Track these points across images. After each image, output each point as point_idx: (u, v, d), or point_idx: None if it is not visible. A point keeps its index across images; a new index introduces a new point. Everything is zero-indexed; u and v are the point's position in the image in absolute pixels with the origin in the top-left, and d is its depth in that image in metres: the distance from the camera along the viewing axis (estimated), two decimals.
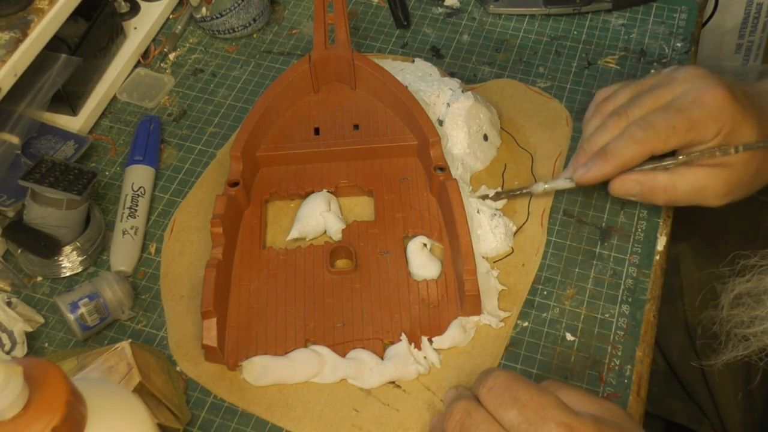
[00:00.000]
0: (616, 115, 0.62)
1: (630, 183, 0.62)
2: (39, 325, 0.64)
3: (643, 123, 0.60)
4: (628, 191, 0.63)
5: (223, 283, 0.62)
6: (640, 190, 0.62)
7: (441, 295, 0.62)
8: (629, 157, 0.61)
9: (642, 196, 0.63)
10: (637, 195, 0.63)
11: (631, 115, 0.61)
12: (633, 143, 0.60)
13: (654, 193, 0.62)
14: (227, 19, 0.82)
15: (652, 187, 0.62)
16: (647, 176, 0.62)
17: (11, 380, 0.35)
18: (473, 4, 0.86)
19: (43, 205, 0.64)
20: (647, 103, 0.62)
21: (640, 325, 0.62)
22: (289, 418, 0.58)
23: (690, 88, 0.61)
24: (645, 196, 0.63)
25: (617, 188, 0.63)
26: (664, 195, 0.62)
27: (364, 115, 0.71)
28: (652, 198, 0.63)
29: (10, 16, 0.69)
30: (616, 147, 0.61)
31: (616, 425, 0.45)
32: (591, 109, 0.66)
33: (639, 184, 0.62)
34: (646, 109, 0.61)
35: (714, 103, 0.59)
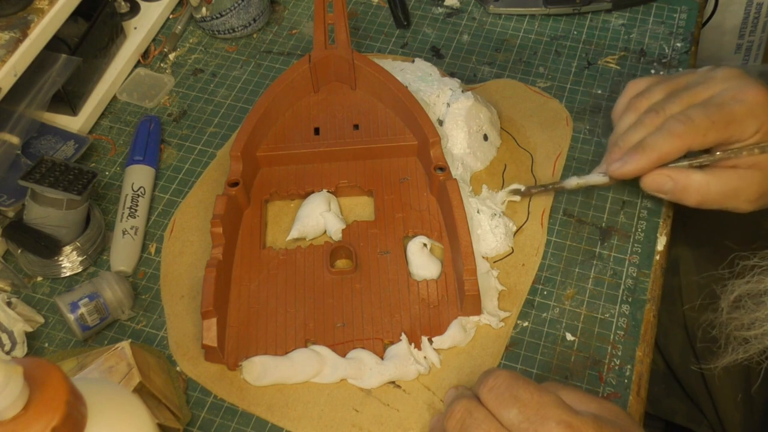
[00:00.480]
0: (653, 112, 0.61)
1: (663, 178, 0.61)
2: (39, 325, 0.64)
3: (682, 117, 0.59)
4: (660, 187, 0.61)
5: (223, 283, 0.62)
6: (672, 186, 0.61)
7: (441, 295, 0.62)
8: (666, 150, 0.59)
9: (673, 194, 0.61)
10: (668, 192, 0.61)
11: (668, 111, 0.60)
12: (671, 137, 0.59)
13: (686, 191, 0.61)
14: (227, 19, 0.82)
15: (685, 185, 0.60)
16: (681, 173, 0.61)
17: (11, 380, 0.35)
18: (473, 4, 0.86)
19: (43, 205, 0.64)
20: (685, 99, 0.60)
21: (640, 325, 0.62)
22: (289, 418, 0.58)
23: (729, 87, 0.60)
24: (676, 195, 0.61)
25: (650, 183, 0.61)
26: (697, 195, 0.60)
27: (364, 115, 0.71)
28: (683, 197, 0.61)
29: (10, 16, 0.69)
30: (653, 140, 0.60)
31: (616, 424, 0.45)
32: (622, 104, 0.65)
33: (672, 180, 0.61)
34: (684, 105, 0.60)
35: (755, 101, 0.58)
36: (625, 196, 0.69)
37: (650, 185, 0.62)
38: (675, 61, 0.79)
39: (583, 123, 0.74)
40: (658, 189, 0.62)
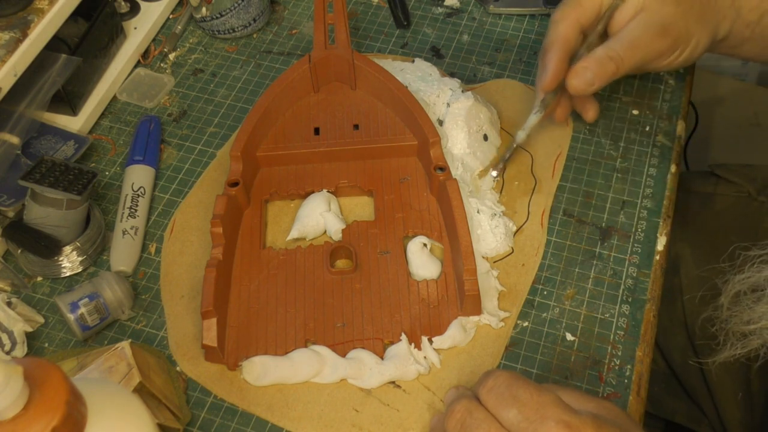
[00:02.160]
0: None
1: (580, 71, 0.64)
2: (39, 325, 0.64)
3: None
4: (584, 79, 0.64)
5: (223, 283, 0.62)
6: (592, 72, 0.64)
7: (441, 295, 0.62)
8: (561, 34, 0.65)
9: (597, 77, 0.64)
10: (593, 79, 0.64)
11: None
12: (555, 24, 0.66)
13: (603, 66, 0.63)
14: (227, 19, 0.82)
15: (598, 62, 0.63)
16: (589, 57, 0.64)
17: (11, 380, 0.35)
18: (473, 4, 0.86)
19: (43, 205, 0.64)
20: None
21: (640, 325, 0.62)
22: (289, 418, 0.58)
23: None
24: (601, 76, 0.64)
25: (574, 82, 0.65)
26: (612, 63, 0.63)
27: (364, 115, 0.71)
28: (604, 73, 0.64)
29: (10, 16, 0.69)
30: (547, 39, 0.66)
31: (615, 424, 0.45)
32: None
33: (588, 68, 0.64)
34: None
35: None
36: (625, 197, 0.69)
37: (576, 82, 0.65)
38: None
39: (583, 123, 0.74)
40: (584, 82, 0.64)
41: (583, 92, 0.65)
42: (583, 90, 0.65)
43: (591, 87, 0.65)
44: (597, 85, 0.65)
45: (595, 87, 0.65)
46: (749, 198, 0.81)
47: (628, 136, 0.73)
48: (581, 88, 0.65)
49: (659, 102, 0.75)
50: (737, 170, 0.84)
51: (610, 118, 0.75)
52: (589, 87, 0.65)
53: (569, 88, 0.65)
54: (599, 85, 0.65)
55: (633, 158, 0.72)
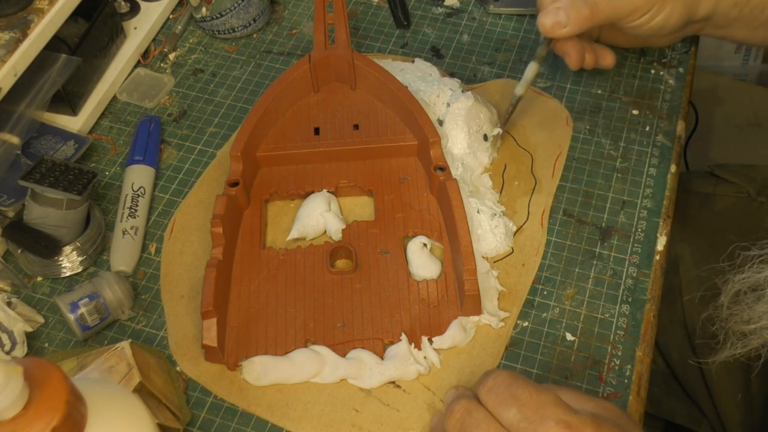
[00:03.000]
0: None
1: (552, 11, 0.65)
2: (39, 325, 0.64)
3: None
4: (555, 18, 0.65)
5: (223, 283, 0.62)
6: (565, 13, 0.64)
7: (441, 295, 0.62)
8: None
9: (571, 19, 0.64)
10: (566, 20, 0.64)
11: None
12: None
13: (577, 9, 0.64)
14: (227, 19, 0.82)
15: (572, 3, 0.64)
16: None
17: (11, 380, 0.35)
18: (473, 4, 0.86)
19: (43, 205, 0.64)
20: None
21: (640, 325, 0.62)
22: (289, 418, 0.58)
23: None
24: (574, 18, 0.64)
25: (546, 21, 0.65)
26: (586, 7, 0.64)
27: (364, 115, 0.71)
28: (578, 16, 0.64)
29: (10, 16, 0.69)
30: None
31: (615, 423, 0.45)
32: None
33: (560, 9, 0.64)
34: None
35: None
36: (625, 197, 0.69)
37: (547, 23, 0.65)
38: (675, 61, 0.79)
39: (583, 123, 0.74)
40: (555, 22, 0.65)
41: (554, 33, 0.65)
42: (553, 30, 0.65)
43: (563, 29, 0.65)
44: (569, 28, 0.65)
45: (567, 30, 0.65)
46: (749, 198, 0.81)
47: (628, 136, 0.73)
48: (551, 27, 0.65)
49: (659, 102, 0.76)
50: (737, 170, 0.84)
51: (610, 118, 0.75)
52: (561, 28, 0.65)
53: (540, 28, 0.65)
54: (571, 29, 0.65)
55: (633, 158, 0.72)
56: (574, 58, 0.70)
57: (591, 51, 0.71)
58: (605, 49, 0.71)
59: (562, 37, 0.66)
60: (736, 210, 0.81)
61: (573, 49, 0.69)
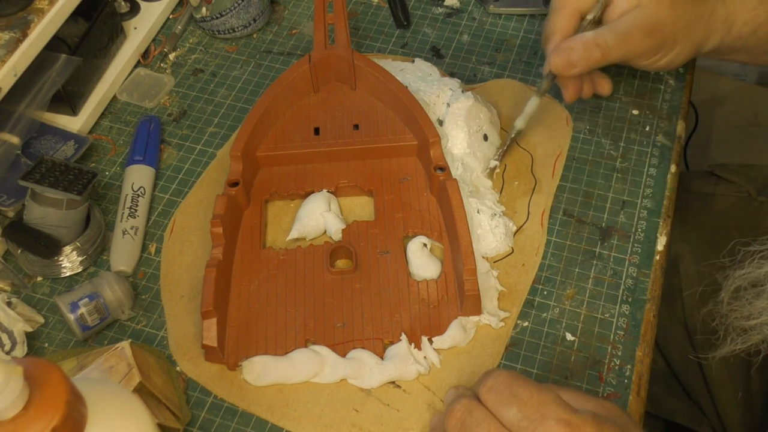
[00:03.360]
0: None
1: (565, 51, 0.64)
2: (39, 325, 0.64)
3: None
4: (567, 59, 0.64)
5: (223, 283, 0.62)
6: (578, 54, 0.64)
7: (441, 295, 0.62)
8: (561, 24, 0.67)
9: (582, 59, 0.64)
10: (577, 60, 0.64)
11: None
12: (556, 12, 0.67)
13: (589, 51, 0.64)
14: (227, 19, 0.82)
15: (585, 46, 0.64)
16: (577, 38, 0.65)
17: (11, 380, 0.35)
18: (473, 4, 0.86)
19: (43, 205, 0.64)
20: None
21: (640, 325, 0.62)
22: (289, 418, 0.58)
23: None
24: (585, 60, 0.64)
25: (557, 60, 0.65)
26: (598, 50, 0.64)
27: (364, 115, 0.71)
28: (589, 58, 0.64)
29: (10, 16, 0.69)
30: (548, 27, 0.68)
31: (615, 423, 0.45)
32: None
33: (572, 49, 0.64)
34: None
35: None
36: (625, 197, 0.69)
37: (559, 62, 0.65)
38: None
39: (583, 123, 0.74)
40: (566, 61, 0.65)
41: (564, 72, 0.65)
42: (564, 69, 0.65)
43: (573, 68, 0.65)
44: (579, 68, 0.65)
45: (577, 70, 0.65)
46: (749, 198, 0.81)
47: (628, 136, 0.73)
48: (562, 67, 0.65)
49: (659, 102, 0.75)
50: (737, 170, 0.84)
51: (610, 118, 0.75)
52: (571, 68, 0.65)
53: (551, 66, 0.65)
54: (582, 69, 0.65)
55: (633, 158, 0.72)
56: (572, 92, 0.70)
57: (589, 81, 0.71)
58: (603, 76, 0.71)
59: (570, 75, 0.67)
60: (737, 210, 0.81)
61: (571, 83, 0.69)
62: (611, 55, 0.64)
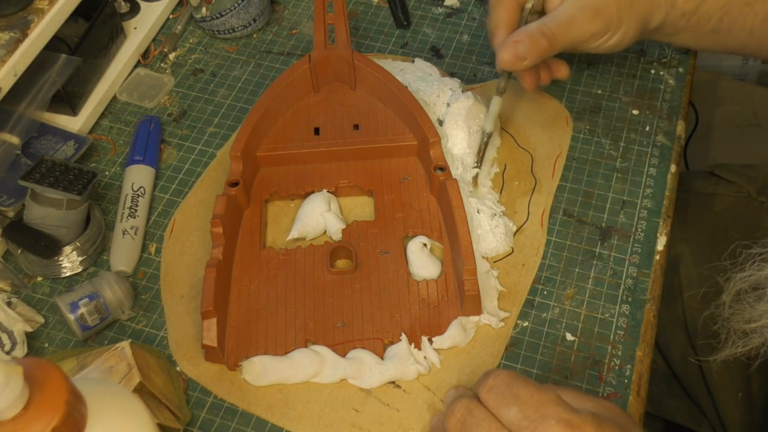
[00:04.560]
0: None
1: (511, 45, 0.63)
2: (39, 325, 0.64)
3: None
4: (515, 52, 0.63)
5: (223, 283, 0.62)
6: (524, 46, 0.63)
7: (441, 295, 0.62)
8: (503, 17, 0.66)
9: (530, 51, 0.63)
10: (525, 53, 0.63)
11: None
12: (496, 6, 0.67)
13: (535, 42, 0.63)
14: (227, 19, 0.82)
15: (530, 37, 0.63)
16: (521, 30, 0.64)
17: (11, 380, 0.35)
18: (473, 4, 0.86)
19: (43, 205, 0.64)
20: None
21: (640, 325, 0.62)
22: (289, 418, 0.58)
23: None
24: (533, 51, 0.63)
25: (505, 56, 0.64)
26: (544, 39, 0.63)
27: (364, 115, 0.71)
28: (537, 48, 0.63)
29: (10, 16, 0.69)
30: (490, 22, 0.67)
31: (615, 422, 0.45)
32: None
33: (519, 42, 0.63)
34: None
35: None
36: (625, 197, 0.69)
37: (507, 57, 0.64)
38: (675, 60, 0.79)
39: (583, 123, 0.74)
40: (515, 55, 0.63)
41: (513, 66, 0.64)
42: (513, 64, 0.64)
43: (522, 62, 0.64)
44: (528, 61, 0.64)
45: (527, 62, 0.64)
46: (749, 198, 0.81)
47: (628, 136, 0.73)
48: (511, 61, 0.64)
49: (659, 102, 0.75)
50: (737, 170, 0.84)
51: (610, 118, 0.75)
52: (521, 61, 0.64)
53: (500, 62, 0.65)
54: (531, 61, 0.64)
55: (633, 158, 0.72)
56: (529, 81, 0.69)
57: (545, 68, 0.70)
58: (559, 61, 0.70)
59: (522, 69, 0.66)
60: (737, 210, 0.81)
61: (527, 73, 0.69)
62: (558, 42, 0.64)
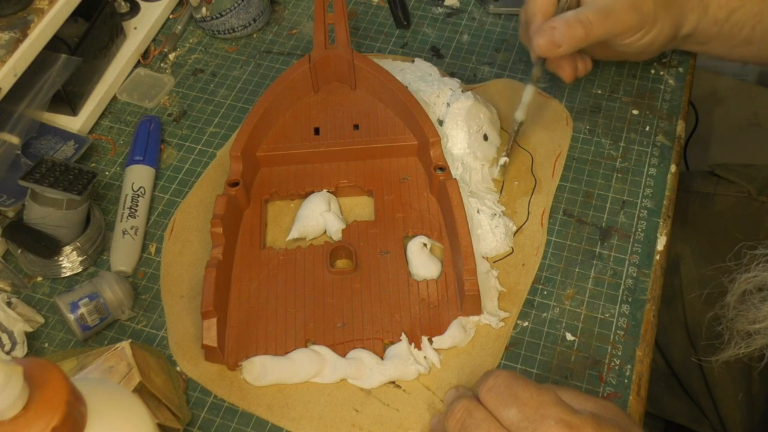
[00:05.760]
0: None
1: (547, 31, 0.63)
2: (39, 325, 0.64)
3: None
4: (551, 39, 0.63)
5: (223, 283, 0.62)
6: (560, 32, 0.63)
7: (441, 295, 0.62)
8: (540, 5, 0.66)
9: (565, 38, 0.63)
10: (561, 39, 0.63)
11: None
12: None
13: (571, 29, 0.63)
14: (227, 19, 0.82)
15: (567, 24, 0.63)
16: (557, 18, 0.64)
17: (11, 380, 0.35)
18: (473, 4, 0.86)
19: (43, 205, 0.64)
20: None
21: (640, 325, 0.62)
22: (289, 418, 0.58)
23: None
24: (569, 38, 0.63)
25: (541, 41, 0.64)
26: (580, 27, 0.63)
27: (364, 115, 0.71)
28: (572, 36, 0.63)
29: (10, 16, 0.69)
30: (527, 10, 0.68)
31: (615, 423, 0.45)
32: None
33: (555, 29, 0.63)
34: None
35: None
36: (625, 196, 0.69)
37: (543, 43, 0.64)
38: (675, 61, 0.79)
39: (583, 123, 0.74)
40: (550, 41, 0.63)
41: (549, 53, 0.64)
42: (549, 50, 0.64)
43: (557, 48, 0.64)
44: (564, 48, 0.64)
45: (562, 50, 0.64)
46: (749, 198, 0.81)
47: (628, 136, 0.73)
48: (546, 47, 0.64)
49: (659, 102, 0.75)
50: (737, 170, 0.84)
51: (610, 118, 0.75)
52: (556, 48, 0.64)
53: (535, 47, 0.65)
54: (566, 49, 0.64)
55: (633, 158, 0.72)
56: (569, 72, 0.69)
57: (581, 60, 0.70)
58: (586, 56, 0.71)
59: (557, 56, 0.66)
60: (737, 210, 0.81)
61: (566, 64, 0.69)
62: (594, 31, 0.63)
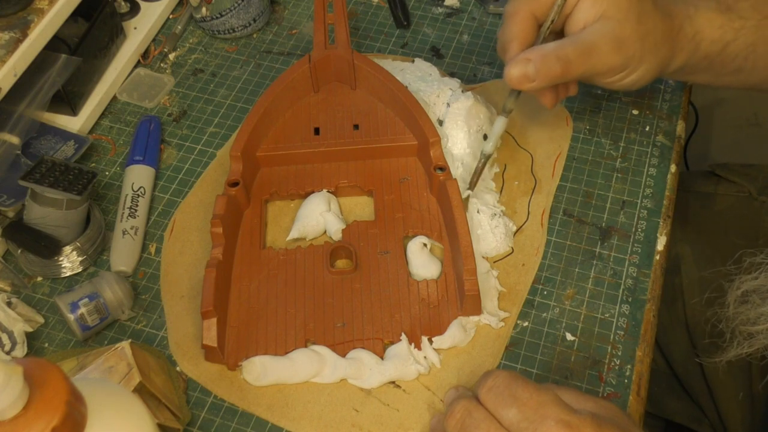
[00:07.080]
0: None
1: (521, 63, 0.58)
2: (39, 325, 0.64)
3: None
4: (523, 72, 0.58)
5: (223, 283, 0.62)
6: (535, 67, 0.58)
7: (441, 295, 0.62)
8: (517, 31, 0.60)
9: (540, 74, 0.58)
10: (534, 74, 0.58)
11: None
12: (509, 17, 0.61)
13: (548, 64, 0.57)
14: (227, 19, 0.82)
15: (543, 58, 0.57)
16: (535, 49, 0.58)
17: (11, 380, 0.35)
18: (473, 4, 0.86)
19: (43, 205, 0.64)
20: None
21: (640, 325, 0.62)
22: (289, 418, 0.58)
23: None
24: (544, 74, 0.58)
25: (513, 72, 0.58)
26: (558, 64, 0.57)
27: (364, 115, 0.71)
28: (548, 72, 0.58)
29: (10, 16, 0.69)
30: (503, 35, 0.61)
31: (615, 422, 0.45)
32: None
33: (529, 61, 0.58)
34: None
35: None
36: (625, 196, 0.69)
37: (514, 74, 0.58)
38: None
39: (583, 123, 0.74)
40: (522, 74, 0.58)
41: (519, 86, 0.59)
42: (520, 84, 0.59)
43: (529, 83, 0.58)
44: (537, 84, 0.58)
45: (535, 85, 0.58)
46: (750, 198, 0.81)
47: (628, 136, 0.73)
48: (518, 81, 0.58)
49: (659, 102, 0.75)
50: (738, 170, 0.84)
51: (610, 118, 0.75)
52: (528, 82, 0.58)
53: (505, 77, 0.59)
54: (540, 84, 0.58)
55: (633, 158, 0.72)
56: (550, 98, 0.64)
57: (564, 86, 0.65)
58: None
59: (529, 91, 0.60)
60: (737, 209, 0.81)
61: (547, 91, 0.64)
62: (573, 70, 0.58)
